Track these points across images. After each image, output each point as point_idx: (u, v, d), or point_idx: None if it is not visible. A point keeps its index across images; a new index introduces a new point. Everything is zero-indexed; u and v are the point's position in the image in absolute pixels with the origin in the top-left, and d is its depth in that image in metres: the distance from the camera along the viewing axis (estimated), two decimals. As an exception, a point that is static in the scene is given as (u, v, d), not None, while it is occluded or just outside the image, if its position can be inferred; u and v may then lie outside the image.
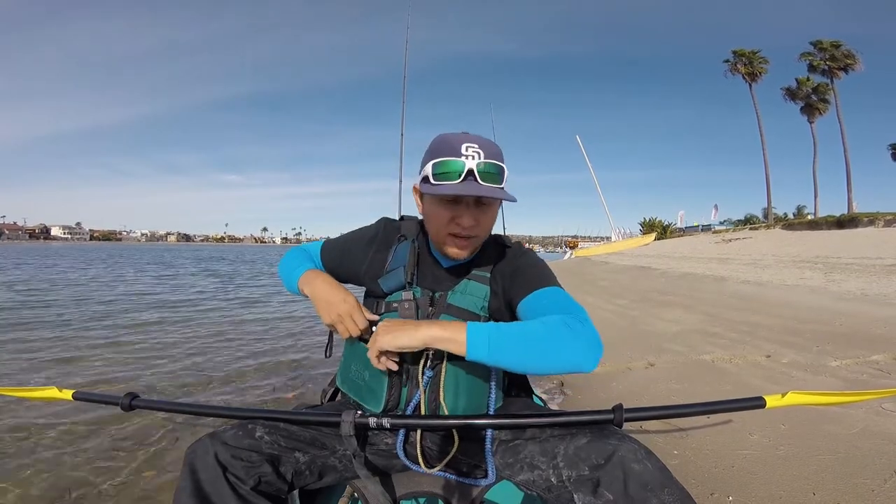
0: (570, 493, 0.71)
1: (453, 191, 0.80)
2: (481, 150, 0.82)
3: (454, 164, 0.81)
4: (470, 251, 0.89)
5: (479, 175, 0.80)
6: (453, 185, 0.80)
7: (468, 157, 0.81)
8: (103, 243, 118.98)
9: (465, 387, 0.86)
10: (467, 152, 0.81)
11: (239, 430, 0.81)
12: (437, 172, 0.82)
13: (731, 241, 18.93)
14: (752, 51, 31.93)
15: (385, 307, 0.91)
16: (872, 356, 2.82)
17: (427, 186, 0.84)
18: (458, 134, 0.84)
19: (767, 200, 31.78)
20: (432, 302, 0.90)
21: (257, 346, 4.14)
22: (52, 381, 2.43)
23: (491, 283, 0.91)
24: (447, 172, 0.81)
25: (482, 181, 0.81)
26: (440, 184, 0.81)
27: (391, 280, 0.92)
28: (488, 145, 0.83)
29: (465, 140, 0.82)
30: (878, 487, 1.39)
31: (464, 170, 0.80)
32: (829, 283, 6.13)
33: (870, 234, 14.27)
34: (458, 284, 0.91)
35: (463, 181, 0.80)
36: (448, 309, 0.88)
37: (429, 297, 0.90)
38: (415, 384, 0.86)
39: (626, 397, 2.45)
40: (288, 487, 0.82)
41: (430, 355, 0.85)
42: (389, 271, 0.94)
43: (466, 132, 0.85)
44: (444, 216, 0.85)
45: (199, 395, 2.74)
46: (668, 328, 4.16)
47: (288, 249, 1.07)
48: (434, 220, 0.87)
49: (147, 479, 1.70)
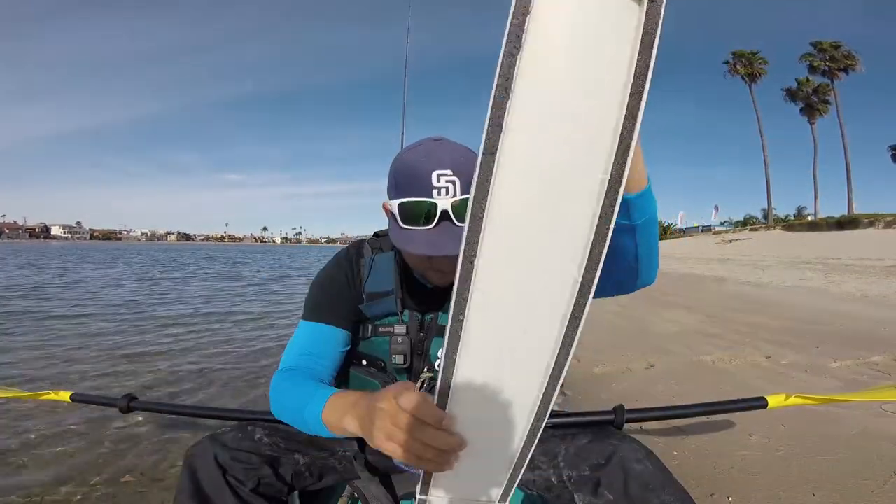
0: (570, 493, 0.71)
1: (431, 249, 0.67)
2: (457, 176, 0.67)
3: (423, 205, 0.67)
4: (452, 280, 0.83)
5: (456, 217, 0.66)
6: (426, 233, 0.67)
7: (440, 191, 0.66)
8: (103, 242, 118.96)
9: None
10: (439, 183, 0.66)
11: (238, 431, 0.81)
12: (403, 214, 0.69)
13: (731, 242, 18.95)
14: (751, 52, 32.00)
15: (372, 330, 0.84)
16: (872, 357, 2.82)
17: (395, 231, 0.71)
18: (425, 152, 0.69)
19: (768, 201, 31.83)
20: (422, 327, 0.84)
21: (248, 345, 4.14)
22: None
23: None
24: (416, 216, 0.68)
25: (460, 222, 0.66)
26: (408, 229, 0.69)
27: (378, 308, 0.83)
28: (464, 164, 0.68)
29: (436, 164, 0.67)
30: (878, 488, 1.39)
31: (436, 213, 0.66)
32: (830, 285, 6.13)
33: (870, 236, 14.28)
34: (448, 302, 0.84)
35: (436, 226, 0.67)
36: (440, 331, 0.83)
37: (418, 321, 0.83)
38: None
39: (626, 398, 2.45)
40: (288, 489, 0.82)
41: (425, 381, 0.82)
42: (374, 296, 0.83)
43: (441, 137, 0.72)
44: (420, 260, 0.75)
45: (197, 396, 2.74)
46: (668, 329, 4.16)
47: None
48: (409, 259, 0.78)
49: (146, 482, 1.69)
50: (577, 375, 2.92)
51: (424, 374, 0.83)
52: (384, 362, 0.85)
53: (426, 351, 0.83)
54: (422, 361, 0.84)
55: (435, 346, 0.83)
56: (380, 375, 0.84)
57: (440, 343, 0.83)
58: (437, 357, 0.83)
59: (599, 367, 2.99)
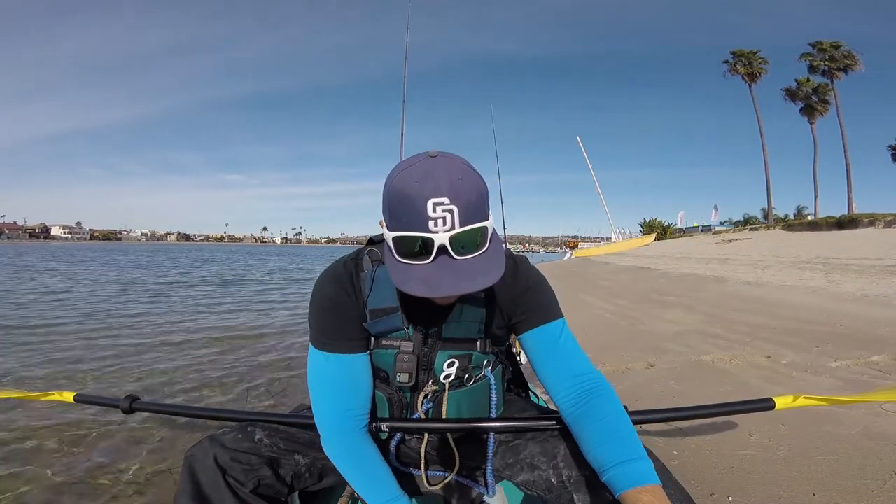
0: (570, 493, 0.71)
1: (419, 291, 0.64)
2: (455, 203, 0.63)
3: (418, 240, 0.64)
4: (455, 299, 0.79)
5: (454, 250, 0.64)
6: (423, 269, 0.65)
7: (437, 222, 0.63)
8: (103, 243, 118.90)
9: (467, 410, 0.85)
10: (435, 213, 0.63)
11: (238, 432, 0.81)
12: (400, 248, 0.67)
13: (731, 242, 18.93)
14: (751, 51, 31.96)
15: (375, 343, 0.82)
16: (872, 357, 2.82)
17: (391, 263, 0.68)
18: (420, 177, 0.64)
19: (768, 201, 31.79)
20: (426, 341, 0.82)
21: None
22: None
23: (486, 303, 0.82)
24: (412, 250, 0.65)
25: (458, 255, 0.64)
26: (405, 263, 0.66)
27: (382, 325, 0.80)
28: (462, 189, 0.64)
29: (432, 191, 0.63)
30: (878, 488, 1.39)
31: (433, 248, 0.64)
32: (830, 284, 6.13)
33: (870, 235, 14.27)
34: (452, 313, 0.81)
35: (433, 260, 0.65)
36: (445, 344, 0.82)
37: (422, 335, 0.82)
38: (414, 413, 0.84)
39: (627, 397, 2.44)
40: (288, 490, 0.82)
41: (429, 394, 0.83)
42: (377, 312, 0.80)
43: (438, 153, 0.68)
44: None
45: (197, 397, 2.73)
46: (668, 328, 4.15)
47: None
48: None
49: (146, 482, 1.69)
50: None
51: (429, 388, 0.83)
52: (387, 374, 0.84)
53: (431, 364, 0.83)
54: (427, 375, 0.83)
55: (440, 360, 0.82)
56: (383, 388, 0.84)
57: (445, 356, 0.83)
58: (443, 370, 0.82)
59: (599, 367, 2.97)
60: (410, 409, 0.85)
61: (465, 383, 0.84)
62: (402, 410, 0.85)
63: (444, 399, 0.82)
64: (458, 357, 0.82)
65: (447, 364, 0.82)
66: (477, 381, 0.84)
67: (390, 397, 0.83)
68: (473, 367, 0.84)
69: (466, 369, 0.83)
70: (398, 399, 0.84)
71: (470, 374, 0.84)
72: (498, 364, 0.88)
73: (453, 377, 0.82)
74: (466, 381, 0.84)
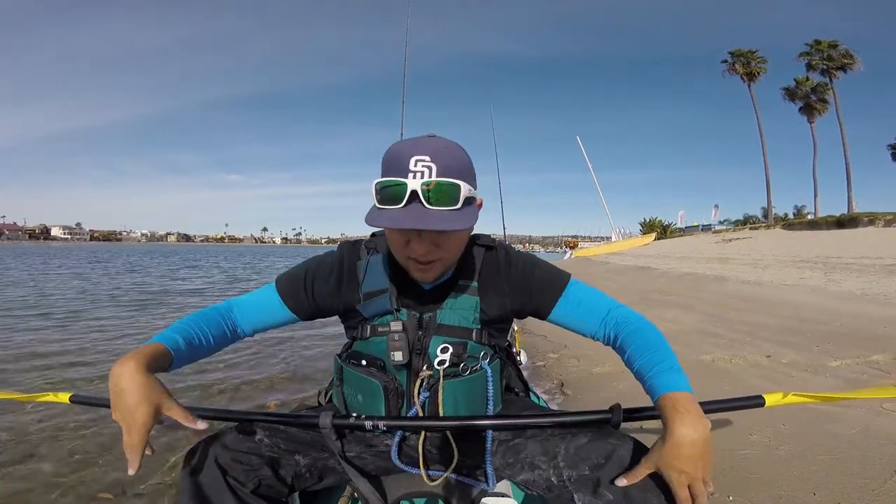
0: (570, 492, 0.71)
1: (391, 223, 0.69)
2: (434, 162, 0.69)
3: (396, 185, 0.69)
4: (435, 275, 0.81)
5: (424, 198, 0.68)
6: (394, 211, 0.69)
7: (416, 175, 0.69)
8: (102, 243, 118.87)
9: (464, 402, 0.84)
10: (415, 167, 0.69)
11: (238, 432, 0.81)
12: (380, 195, 0.71)
13: (731, 241, 18.96)
14: (749, 50, 32.00)
15: (371, 331, 0.85)
16: (872, 356, 2.82)
17: (373, 213, 0.72)
18: (413, 141, 0.73)
19: (767, 200, 31.84)
20: (420, 325, 0.84)
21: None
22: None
23: (479, 292, 0.85)
24: (389, 196, 0.70)
25: (430, 205, 0.69)
26: (383, 208, 0.71)
27: (374, 306, 0.85)
28: (445, 155, 0.71)
29: (417, 150, 0.70)
30: (879, 487, 1.39)
31: (406, 192, 0.68)
32: (829, 283, 6.13)
33: (870, 234, 14.29)
34: (447, 300, 0.84)
35: (406, 206, 0.69)
36: (439, 329, 0.84)
37: (416, 319, 0.84)
38: (411, 403, 0.84)
39: (627, 397, 2.44)
40: (288, 490, 0.82)
41: (424, 379, 0.83)
42: (370, 295, 0.85)
43: (433, 135, 0.75)
44: (397, 241, 0.77)
45: (200, 398, 2.73)
46: (668, 328, 4.15)
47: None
48: (391, 243, 0.80)
49: (146, 483, 1.69)
50: (577, 375, 2.92)
51: (424, 372, 0.83)
52: (383, 362, 0.84)
53: (425, 349, 0.83)
54: (421, 359, 0.83)
55: (434, 344, 0.83)
56: (379, 375, 0.84)
57: (440, 341, 0.83)
58: (437, 355, 0.83)
59: (599, 366, 2.99)
60: (407, 399, 0.85)
61: (462, 373, 0.83)
62: (399, 400, 0.85)
63: (440, 387, 0.81)
64: (453, 344, 0.83)
65: (441, 349, 0.83)
66: (474, 372, 0.84)
67: (386, 385, 0.83)
68: (469, 356, 0.84)
69: (461, 357, 0.83)
70: (394, 387, 0.84)
71: (466, 364, 0.84)
72: (496, 359, 0.88)
73: (448, 364, 0.82)
74: (462, 370, 0.84)
